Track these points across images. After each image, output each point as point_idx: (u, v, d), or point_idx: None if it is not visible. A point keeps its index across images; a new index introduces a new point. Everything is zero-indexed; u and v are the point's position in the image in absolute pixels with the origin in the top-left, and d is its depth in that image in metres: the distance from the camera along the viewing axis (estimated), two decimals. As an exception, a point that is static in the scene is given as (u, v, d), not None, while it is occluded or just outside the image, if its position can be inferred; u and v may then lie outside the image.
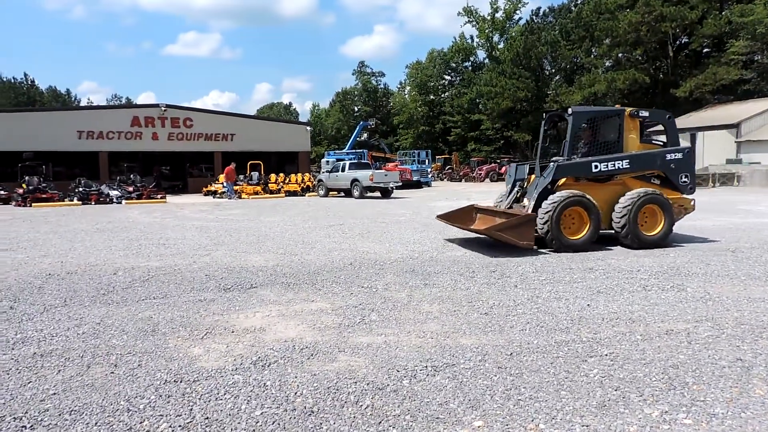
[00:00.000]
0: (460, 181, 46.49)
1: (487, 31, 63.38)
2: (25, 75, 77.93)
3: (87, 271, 7.83)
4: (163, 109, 33.60)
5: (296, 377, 3.84)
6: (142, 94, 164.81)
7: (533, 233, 8.83)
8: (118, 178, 28.88)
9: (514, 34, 59.94)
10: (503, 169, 44.98)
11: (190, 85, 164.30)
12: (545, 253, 8.84)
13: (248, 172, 30.04)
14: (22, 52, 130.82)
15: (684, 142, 36.32)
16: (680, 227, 11.81)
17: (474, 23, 64.16)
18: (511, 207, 10.15)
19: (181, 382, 3.77)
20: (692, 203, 10.00)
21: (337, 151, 46.11)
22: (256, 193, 27.66)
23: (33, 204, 22.80)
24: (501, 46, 62.34)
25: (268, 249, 9.74)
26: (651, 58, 49.83)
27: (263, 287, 6.69)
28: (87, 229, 13.32)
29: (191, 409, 3.35)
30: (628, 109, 9.76)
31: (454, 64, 69.56)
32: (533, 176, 10.04)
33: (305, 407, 3.37)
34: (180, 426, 3.14)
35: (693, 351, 4.26)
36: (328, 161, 37.47)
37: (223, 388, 3.65)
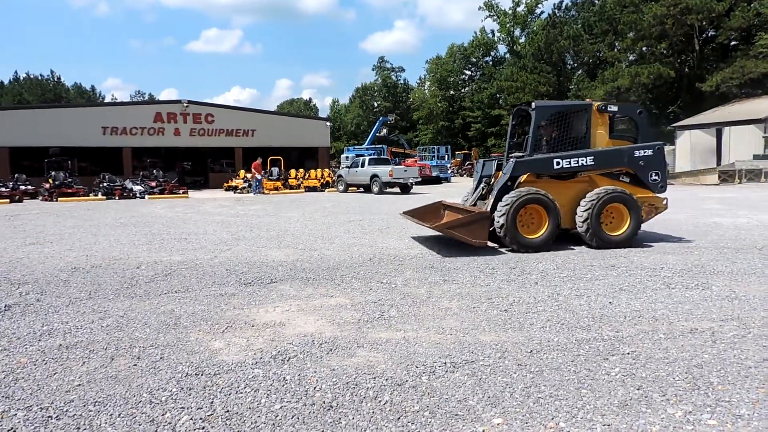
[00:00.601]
0: (480, 176, 46.15)
1: (508, 25, 62.80)
2: (52, 72, 79.38)
3: (111, 264, 7.97)
4: (185, 105, 33.98)
5: (315, 372, 3.86)
6: (165, 90, 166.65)
7: (487, 231, 8.58)
8: (141, 173, 29.35)
9: (535, 28, 59.31)
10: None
11: (212, 81, 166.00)
12: (556, 249, 8.74)
13: (268, 167, 30.26)
14: (48, 50, 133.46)
15: (709, 138, 35.62)
16: (703, 223, 11.59)
17: (495, 18, 63.63)
18: (475, 204, 9.79)
19: (202, 375, 3.82)
20: (664, 202, 9.61)
21: (356, 147, 46.15)
22: (276, 189, 27.84)
23: (59, 198, 23.27)
24: (522, 40, 61.76)
25: (288, 244, 9.80)
26: (676, 51, 48.81)
27: (283, 282, 6.73)
28: (111, 224, 13.55)
29: (212, 402, 3.39)
30: (596, 104, 9.39)
31: (474, 59, 69.11)
32: (501, 173, 9.59)
33: (324, 402, 3.39)
34: (201, 418, 3.18)
35: (718, 350, 4.18)
36: (347, 157, 37.51)
37: (243, 382, 3.69)
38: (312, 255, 8.61)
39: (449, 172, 40.83)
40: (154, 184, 26.48)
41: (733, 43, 46.23)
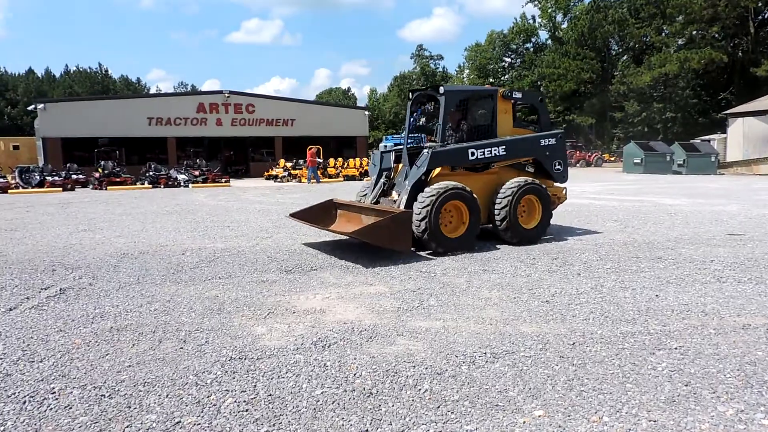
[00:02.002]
0: (520, 166, 45.43)
1: (550, 10, 61.19)
2: (100, 65, 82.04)
3: (158, 251, 8.22)
4: (226, 95, 34.56)
5: (355, 359, 3.89)
6: (207, 81, 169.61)
7: (411, 233, 7.51)
8: (185, 162, 30.08)
9: (578, 13, 57.58)
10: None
11: (253, 71, 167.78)
12: (599, 240, 8.52)
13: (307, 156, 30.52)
14: (96, 43, 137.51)
15: (764, 125, 34.01)
16: (757, 215, 11.10)
17: (536, 3, 62.08)
18: (377, 201, 8.70)
19: (245, 359, 3.91)
20: (564, 192, 9.25)
21: (395, 136, 46.06)
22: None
23: (108, 187, 24.09)
24: (565, 26, 60.13)
25: (327, 233, 9.87)
26: (729, 35, 46.64)
27: (323, 270, 6.81)
28: (157, 212, 13.96)
29: (255, 386, 3.47)
30: (501, 90, 8.78)
31: (514, 46, 67.71)
32: (400, 165, 8.72)
33: (364, 388, 3.41)
34: (245, 401, 3.26)
35: (772, 347, 4.01)
36: (386, 146, 37.46)
37: (285, 367, 3.76)
38: (351, 243, 8.66)
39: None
40: (197, 173, 27.09)
41: (791, 25, 43.88)
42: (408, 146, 8.66)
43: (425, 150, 8.13)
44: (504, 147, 8.51)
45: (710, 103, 47.88)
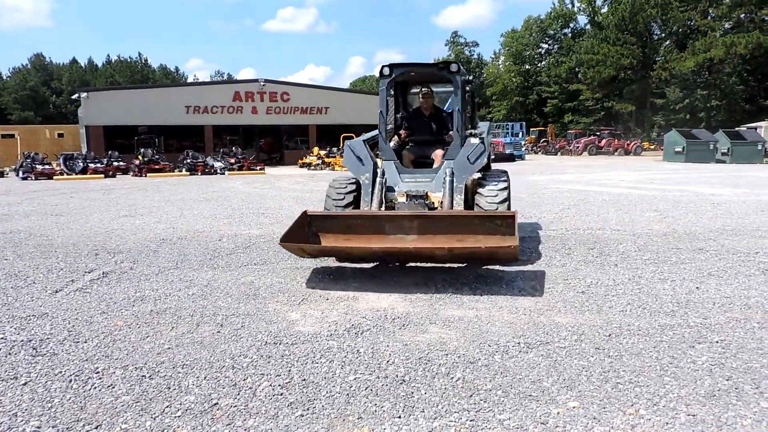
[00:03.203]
0: (556, 154, 44.72)
1: (589, -6, 59.59)
2: (140, 54, 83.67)
3: (195, 237, 8.41)
4: (262, 84, 34.93)
5: (388, 346, 3.92)
6: (243, 69, 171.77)
7: None
8: (221, 150, 30.60)
9: (619, -4, 55.90)
10: (603, 142, 42.72)
11: (288, 60, 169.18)
12: (646, 232, 8.31)
13: (341, 144, 30.67)
14: (136, 33, 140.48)
15: None
16: (808, 207, 10.62)
17: (575, -13, 60.54)
18: (390, 206, 6.71)
19: (280, 344, 3.98)
20: None
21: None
22: (349, 166, 28.20)
23: (147, 174, 24.73)
24: (605, 10, 58.46)
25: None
26: (780, 17, 44.54)
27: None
28: (195, 198, 14.27)
29: (289, 371, 3.53)
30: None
31: (552, 32, 66.35)
32: (380, 159, 7.38)
33: (397, 375, 3.44)
34: (279, 385, 3.32)
35: (821, 343, 3.86)
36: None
37: (318, 353, 3.81)
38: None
39: (523, 149, 39.81)
40: (233, 160, 27.55)
41: None
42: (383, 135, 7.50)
43: (476, 140, 6.79)
44: (484, 137, 7.58)
45: (757, 90, 45.98)
